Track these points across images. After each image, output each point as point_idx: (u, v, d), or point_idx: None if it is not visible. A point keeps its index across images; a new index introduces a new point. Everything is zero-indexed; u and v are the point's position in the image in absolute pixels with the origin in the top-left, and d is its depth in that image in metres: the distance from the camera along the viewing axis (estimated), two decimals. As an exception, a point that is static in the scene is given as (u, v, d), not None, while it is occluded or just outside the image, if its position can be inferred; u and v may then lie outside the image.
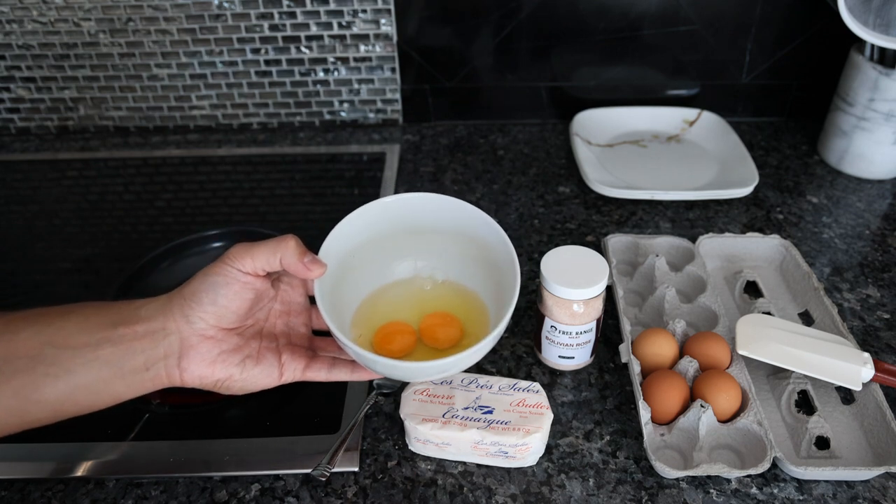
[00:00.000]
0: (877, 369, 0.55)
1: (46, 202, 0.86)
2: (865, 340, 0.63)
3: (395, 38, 0.92)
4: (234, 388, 0.46)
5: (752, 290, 0.68)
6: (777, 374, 0.59)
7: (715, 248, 0.71)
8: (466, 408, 0.52)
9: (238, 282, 0.44)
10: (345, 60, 0.94)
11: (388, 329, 0.54)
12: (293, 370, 0.48)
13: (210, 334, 0.44)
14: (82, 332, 0.41)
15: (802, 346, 0.56)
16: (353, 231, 0.51)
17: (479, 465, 0.53)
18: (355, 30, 0.91)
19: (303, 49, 0.93)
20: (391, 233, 0.54)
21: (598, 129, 0.93)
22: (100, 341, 0.41)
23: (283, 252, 0.44)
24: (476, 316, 0.54)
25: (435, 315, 0.54)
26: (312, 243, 0.48)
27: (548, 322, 0.57)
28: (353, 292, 0.54)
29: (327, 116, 1.00)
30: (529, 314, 0.66)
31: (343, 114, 0.99)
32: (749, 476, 0.51)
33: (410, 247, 0.55)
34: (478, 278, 0.55)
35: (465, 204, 0.51)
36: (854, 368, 0.55)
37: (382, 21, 0.90)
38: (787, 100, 0.98)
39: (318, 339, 0.52)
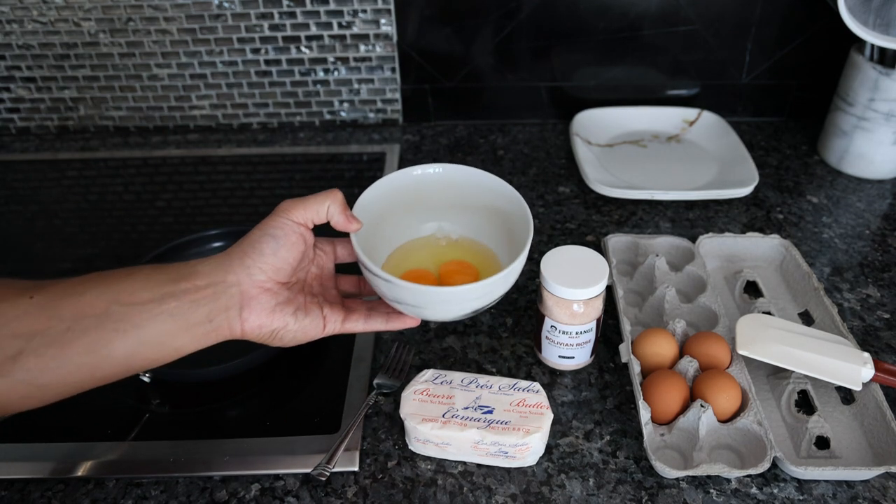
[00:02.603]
0: (877, 369, 0.55)
1: (46, 202, 0.86)
2: (865, 340, 0.63)
3: (395, 38, 0.92)
4: (286, 339, 0.48)
5: (752, 290, 0.68)
6: (777, 374, 0.59)
7: (715, 248, 0.71)
8: (466, 408, 0.52)
9: (294, 233, 0.48)
10: (345, 60, 0.94)
11: (410, 275, 0.55)
12: (334, 322, 0.50)
13: (268, 286, 0.46)
14: (145, 290, 0.43)
15: (802, 346, 0.56)
16: (378, 197, 0.55)
17: (479, 465, 0.53)
18: (355, 30, 0.91)
19: (303, 49, 0.93)
20: (410, 200, 0.58)
21: (598, 129, 0.93)
22: (164, 296, 0.43)
23: (331, 201, 0.49)
24: (491, 266, 0.57)
25: (452, 262, 0.58)
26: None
27: (548, 322, 0.57)
28: (378, 251, 0.57)
29: (327, 116, 1.00)
30: (529, 314, 0.66)
31: (343, 114, 0.99)
32: (749, 476, 0.51)
33: (429, 211, 0.60)
34: (492, 235, 0.59)
35: (473, 169, 0.57)
36: (854, 368, 0.55)
37: (382, 21, 0.90)
38: (787, 100, 0.98)
39: (349, 301, 0.54)
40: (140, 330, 0.42)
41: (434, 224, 0.60)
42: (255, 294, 0.46)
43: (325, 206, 0.49)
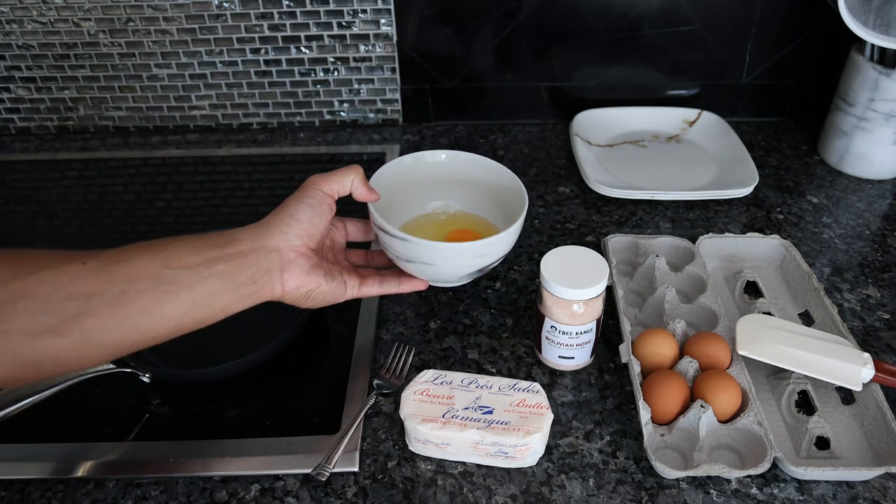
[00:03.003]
0: (877, 369, 0.55)
1: (46, 202, 0.86)
2: (865, 340, 0.63)
3: (395, 38, 0.92)
4: (317, 299, 0.53)
5: (753, 290, 0.68)
6: (777, 374, 0.59)
7: (715, 248, 0.71)
8: (466, 408, 0.52)
9: (325, 203, 0.53)
10: (345, 60, 0.94)
11: None
12: (352, 286, 0.56)
13: (302, 251, 0.51)
14: (192, 255, 0.46)
15: (802, 347, 0.56)
16: (389, 175, 0.63)
17: (479, 466, 0.53)
18: (355, 30, 0.91)
19: (303, 49, 0.93)
20: (418, 180, 0.66)
21: (598, 129, 0.93)
22: (211, 260, 0.46)
23: (355, 175, 0.55)
24: (490, 233, 0.62)
25: (457, 230, 0.66)
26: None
27: (548, 322, 0.57)
28: (389, 223, 0.61)
29: (327, 116, 1.00)
30: (529, 314, 0.67)
31: (343, 114, 0.99)
32: (749, 476, 0.51)
33: (434, 190, 0.68)
34: (490, 210, 0.67)
35: (473, 155, 0.66)
36: (854, 369, 0.55)
37: (382, 21, 0.90)
38: (787, 100, 0.98)
39: (361, 269, 0.60)
40: (191, 291, 0.45)
41: (438, 202, 0.68)
42: (293, 258, 0.50)
43: (350, 180, 0.55)
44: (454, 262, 0.58)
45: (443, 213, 0.68)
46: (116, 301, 0.42)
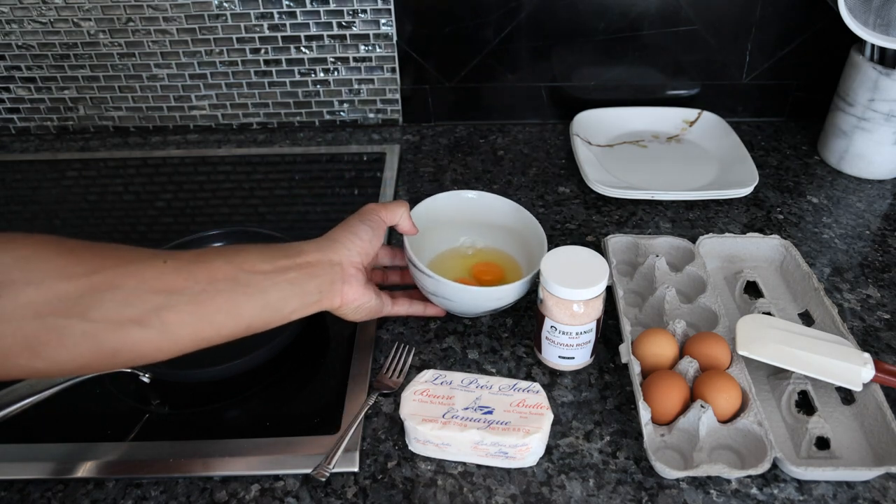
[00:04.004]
0: (877, 370, 0.55)
1: (46, 202, 0.86)
2: (865, 341, 0.63)
3: (395, 38, 0.92)
4: (362, 312, 0.57)
5: (753, 290, 0.68)
6: (777, 375, 0.59)
7: (715, 248, 0.71)
8: (466, 408, 0.52)
9: (381, 227, 0.58)
10: (345, 60, 0.94)
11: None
12: (387, 304, 0.60)
13: (359, 267, 0.55)
14: (265, 262, 0.49)
15: (802, 347, 0.56)
16: (424, 212, 0.66)
17: (479, 466, 0.53)
18: (355, 30, 0.91)
19: (303, 49, 0.93)
20: (448, 216, 0.69)
21: (598, 129, 0.93)
22: (283, 268, 0.50)
23: (404, 210, 0.60)
24: (512, 270, 0.68)
25: (481, 264, 0.69)
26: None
27: (548, 322, 0.57)
28: (420, 256, 0.64)
29: (327, 116, 1.00)
30: (529, 314, 0.67)
31: (343, 114, 0.99)
32: (749, 476, 0.51)
33: (462, 226, 0.71)
34: (512, 246, 0.70)
35: (498, 197, 0.70)
36: (854, 369, 0.55)
37: (382, 21, 0.90)
38: (787, 100, 0.98)
39: (390, 291, 0.63)
40: (264, 294, 0.48)
41: (466, 237, 0.71)
42: (353, 272, 0.54)
43: (401, 213, 0.60)
44: (472, 302, 0.62)
45: (470, 247, 0.71)
46: (197, 299, 0.45)
